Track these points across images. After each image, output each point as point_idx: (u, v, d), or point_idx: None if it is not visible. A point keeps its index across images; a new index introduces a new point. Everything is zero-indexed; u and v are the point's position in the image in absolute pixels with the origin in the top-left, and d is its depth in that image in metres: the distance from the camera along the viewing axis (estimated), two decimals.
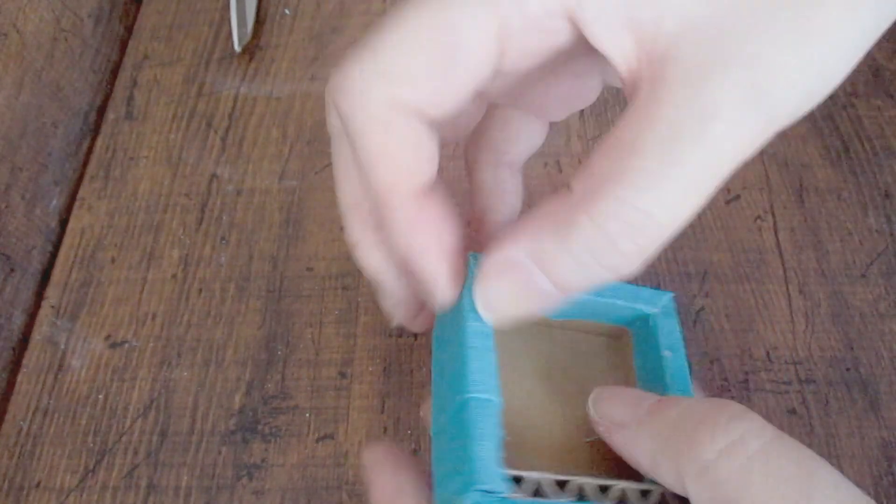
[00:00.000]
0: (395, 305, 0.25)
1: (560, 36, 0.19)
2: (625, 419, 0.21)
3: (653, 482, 0.20)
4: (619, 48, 0.18)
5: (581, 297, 0.21)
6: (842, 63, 0.18)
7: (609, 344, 0.25)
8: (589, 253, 0.18)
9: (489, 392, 0.20)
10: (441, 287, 0.21)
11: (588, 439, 0.23)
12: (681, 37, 0.18)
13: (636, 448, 0.20)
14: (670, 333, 0.23)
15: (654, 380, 0.23)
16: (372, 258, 0.24)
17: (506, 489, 0.19)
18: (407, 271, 0.22)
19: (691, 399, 0.20)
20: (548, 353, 0.25)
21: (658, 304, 0.24)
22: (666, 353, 0.23)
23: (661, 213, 0.17)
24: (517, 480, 0.20)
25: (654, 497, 0.20)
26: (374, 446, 0.23)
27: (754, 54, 0.17)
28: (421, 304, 0.25)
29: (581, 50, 0.21)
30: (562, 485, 0.20)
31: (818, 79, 0.18)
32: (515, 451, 0.21)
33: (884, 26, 0.18)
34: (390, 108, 0.19)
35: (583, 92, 0.24)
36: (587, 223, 0.18)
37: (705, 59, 0.17)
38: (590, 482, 0.20)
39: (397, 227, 0.21)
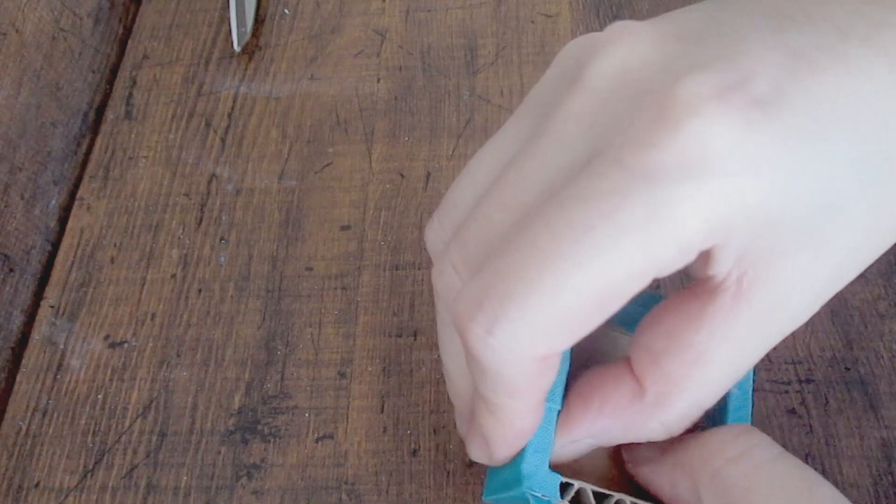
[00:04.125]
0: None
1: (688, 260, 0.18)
2: (649, 454, 0.22)
3: None
4: (719, 267, 0.18)
5: None
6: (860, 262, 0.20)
7: None
8: (645, 438, 0.20)
9: (553, 399, 0.22)
10: (494, 461, 0.22)
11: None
12: (771, 254, 0.18)
13: (659, 476, 0.22)
14: (746, 375, 0.24)
15: (715, 415, 0.24)
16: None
17: (553, 494, 0.21)
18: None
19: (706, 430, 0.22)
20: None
21: None
22: (735, 391, 0.23)
23: (709, 404, 0.20)
24: (562, 486, 0.21)
25: None
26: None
27: (820, 248, 0.18)
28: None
29: None
30: (601, 498, 0.22)
31: (871, 252, 0.19)
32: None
33: None
34: (537, 365, 0.19)
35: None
36: (657, 427, 0.20)
37: (777, 262, 0.18)
38: (626, 500, 0.22)
39: (503, 431, 0.21)
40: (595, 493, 0.21)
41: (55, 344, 0.34)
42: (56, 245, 0.37)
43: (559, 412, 0.22)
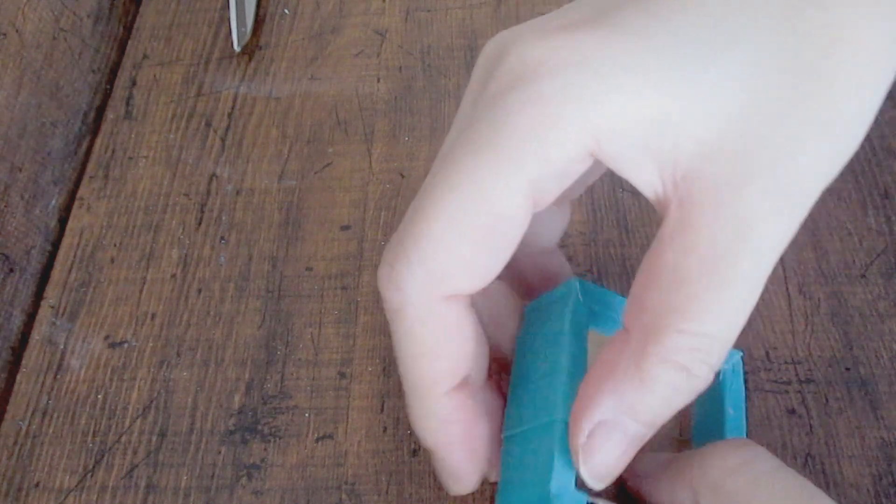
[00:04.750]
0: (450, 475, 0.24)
1: (577, 173, 0.19)
2: (649, 469, 0.22)
3: None
4: (644, 177, 0.19)
5: None
6: (855, 136, 0.19)
7: None
8: (670, 387, 0.19)
9: (558, 412, 0.21)
10: (461, 483, 0.22)
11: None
12: (701, 157, 0.18)
13: (659, 491, 0.21)
14: (736, 392, 0.24)
15: (711, 428, 0.24)
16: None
17: None
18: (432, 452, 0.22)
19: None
20: None
21: (729, 362, 0.24)
22: (730, 411, 0.23)
23: (723, 331, 0.18)
24: None
25: None
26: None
27: (782, 161, 0.18)
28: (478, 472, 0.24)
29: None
30: None
31: (835, 158, 0.19)
32: None
33: (888, 85, 0.19)
34: (439, 302, 0.19)
35: (582, 188, 0.25)
36: (660, 364, 0.18)
37: (730, 174, 0.18)
38: None
39: (429, 421, 0.21)
40: None
41: (55, 344, 0.34)
42: (56, 245, 0.37)
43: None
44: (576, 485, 0.20)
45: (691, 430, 0.25)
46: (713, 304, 0.18)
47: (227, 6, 0.44)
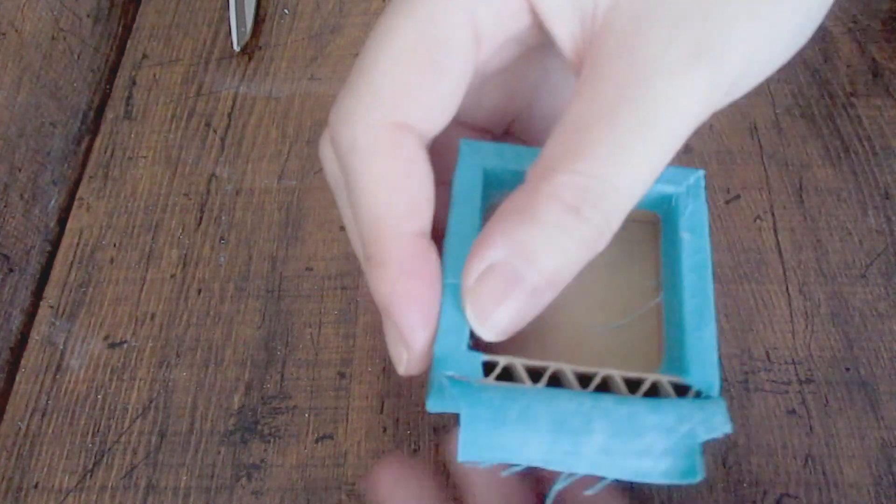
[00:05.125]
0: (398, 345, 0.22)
1: (515, 14, 0.19)
2: None
3: (644, 372, 0.19)
4: (566, 28, 0.19)
5: None
6: (789, 28, 0.18)
7: (648, 230, 0.23)
8: (559, 229, 0.18)
9: (454, 275, 0.20)
10: (413, 353, 0.20)
11: (601, 327, 0.22)
12: (616, 7, 0.18)
13: None
14: (694, 214, 0.21)
15: (672, 266, 0.21)
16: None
17: (473, 375, 0.19)
18: (385, 314, 0.20)
19: None
20: None
21: (683, 184, 0.22)
22: (684, 235, 0.21)
23: (617, 178, 0.17)
24: (489, 366, 0.19)
25: (645, 387, 0.19)
26: (381, 467, 0.23)
27: (690, 14, 0.17)
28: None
29: (555, 63, 0.21)
30: (536, 373, 0.19)
31: (763, 41, 0.18)
32: (515, 338, 0.20)
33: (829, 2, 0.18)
34: (391, 131, 0.19)
35: (534, 93, 0.24)
36: (548, 200, 0.18)
37: (640, 24, 0.18)
38: (567, 369, 0.19)
39: (388, 269, 0.19)
40: (529, 369, 0.19)
41: (55, 344, 0.34)
42: (55, 245, 0.37)
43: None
44: (469, 346, 0.19)
45: (661, 273, 0.23)
46: (608, 148, 0.17)
47: (226, 6, 0.44)
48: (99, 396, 0.33)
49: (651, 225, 0.23)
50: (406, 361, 0.20)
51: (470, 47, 0.19)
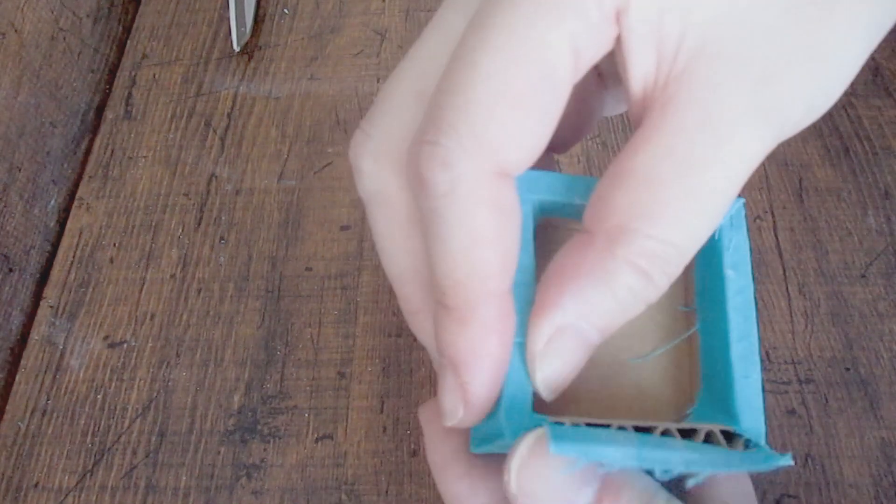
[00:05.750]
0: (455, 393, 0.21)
1: (607, 42, 0.18)
2: None
3: (697, 422, 0.19)
4: (641, 63, 0.18)
5: None
6: (844, 78, 0.18)
7: None
8: (631, 292, 0.18)
9: (521, 334, 0.19)
10: (474, 409, 0.19)
11: (630, 360, 0.21)
12: (699, 57, 0.17)
13: None
14: (738, 249, 0.21)
15: (714, 296, 0.21)
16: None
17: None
18: (447, 369, 0.20)
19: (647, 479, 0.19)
20: None
21: (725, 216, 0.21)
22: (729, 273, 0.20)
23: (686, 242, 0.18)
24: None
25: (700, 437, 0.19)
26: (429, 405, 0.22)
27: (768, 76, 0.17)
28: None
29: (596, 79, 0.20)
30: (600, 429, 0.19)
31: (823, 95, 0.18)
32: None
33: (878, 40, 0.19)
34: (493, 181, 0.18)
35: (590, 123, 0.24)
36: (626, 266, 0.17)
37: (721, 81, 0.17)
38: (628, 424, 0.19)
39: (469, 328, 0.19)
40: (590, 425, 0.19)
41: (54, 344, 0.34)
42: (55, 245, 0.37)
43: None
44: (532, 408, 0.19)
45: (695, 299, 0.23)
46: (683, 213, 0.17)
47: (226, 6, 0.44)
48: (99, 396, 0.33)
49: None
50: (461, 416, 0.19)
51: (571, 79, 0.18)
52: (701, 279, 0.22)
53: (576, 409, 0.21)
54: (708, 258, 0.22)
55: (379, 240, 0.22)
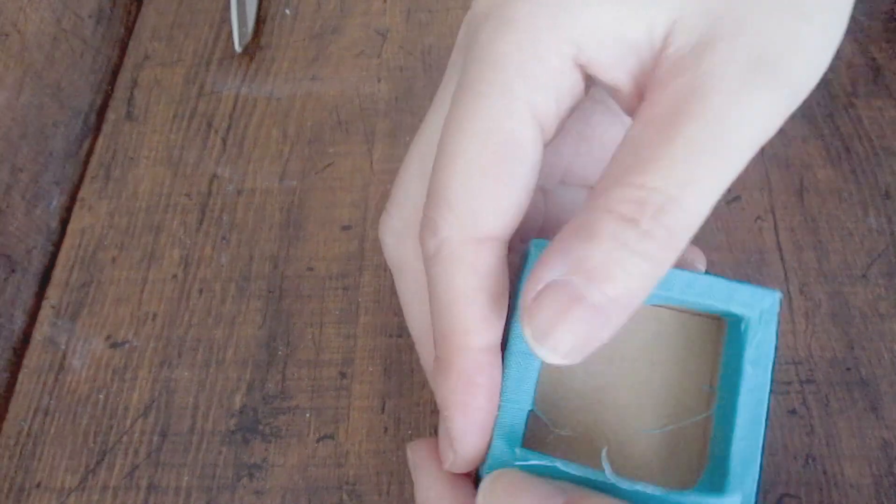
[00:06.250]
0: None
1: (572, 89, 0.20)
2: None
3: (682, 484, 0.20)
4: (624, 73, 0.19)
5: (676, 291, 0.20)
6: (837, 31, 0.18)
7: (711, 327, 0.23)
8: (617, 242, 0.17)
9: (521, 401, 0.21)
10: (464, 455, 0.20)
11: (641, 431, 0.22)
12: (672, 36, 0.18)
13: None
14: (762, 344, 0.20)
15: (731, 388, 0.21)
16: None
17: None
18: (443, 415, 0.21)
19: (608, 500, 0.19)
20: (652, 332, 0.22)
21: (757, 307, 0.20)
22: (748, 369, 0.20)
23: (678, 192, 0.17)
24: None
25: None
26: (418, 444, 0.23)
27: (749, 30, 0.17)
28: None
29: (596, 105, 0.22)
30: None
31: (819, 45, 0.18)
32: (571, 441, 0.21)
33: None
34: (472, 246, 0.20)
35: (608, 147, 0.24)
36: (604, 214, 0.17)
37: (697, 44, 0.18)
38: (612, 478, 0.19)
39: (452, 378, 0.20)
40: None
41: (57, 344, 0.34)
42: (57, 245, 0.37)
43: (530, 412, 0.21)
44: (521, 444, 0.20)
45: (719, 382, 0.23)
46: (665, 161, 0.17)
47: (228, 7, 0.44)
48: (101, 396, 0.33)
49: (715, 323, 0.22)
50: (451, 462, 0.21)
51: (537, 141, 0.20)
52: (725, 363, 0.22)
53: (569, 445, 0.22)
54: (733, 344, 0.21)
55: (403, 303, 0.24)
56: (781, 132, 0.37)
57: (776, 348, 0.20)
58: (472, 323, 0.20)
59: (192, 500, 0.30)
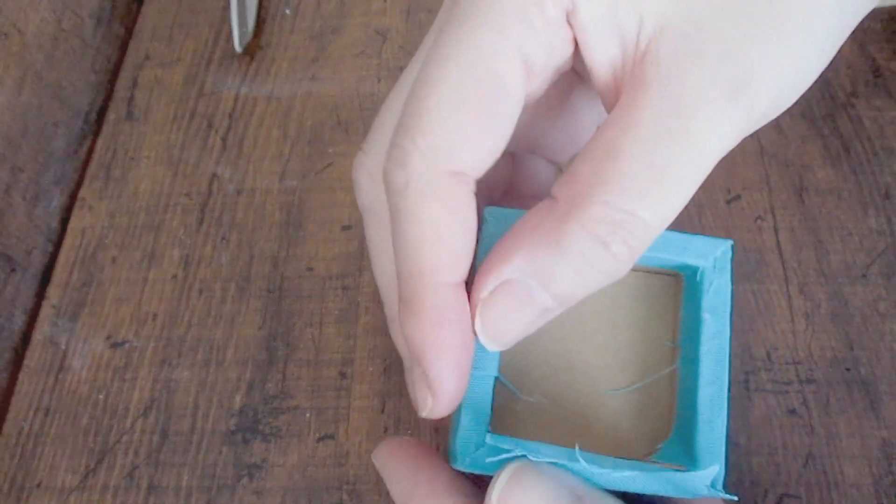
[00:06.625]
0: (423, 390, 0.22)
1: (562, 46, 0.19)
2: None
3: (656, 461, 0.20)
4: (606, 54, 0.19)
5: None
6: (815, 57, 0.18)
7: (669, 284, 0.23)
8: (584, 259, 0.18)
9: (487, 367, 0.20)
10: (440, 400, 0.20)
11: (608, 392, 0.22)
12: (660, 38, 0.18)
13: None
14: (718, 292, 0.21)
15: (692, 340, 0.21)
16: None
17: (489, 469, 0.19)
18: (414, 360, 0.20)
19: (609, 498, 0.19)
20: (612, 293, 0.23)
21: (710, 256, 0.21)
22: (705, 316, 0.21)
23: (648, 214, 0.18)
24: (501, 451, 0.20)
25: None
26: (379, 449, 0.23)
27: (731, 50, 0.17)
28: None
29: (578, 84, 0.21)
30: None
31: (793, 72, 0.18)
32: (531, 413, 0.21)
33: (852, 23, 0.19)
34: (443, 179, 0.19)
35: (582, 129, 0.24)
36: (578, 230, 0.18)
37: (683, 57, 0.18)
38: (581, 459, 0.19)
39: (421, 318, 0.19)
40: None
41: (57, 344, 0.34)
42: (58, 245, 0.37)
43: (496, 380, 0.21)
44: (488, 429, 0.20)
45: (679, 337, 0.22)
46: (643, 183, 0.17)
47: (228, 6, 0.44)
48: (101, 396, 0.33)
49: (672, 279, 0.23)
50: (430, 407, 0.20)
51: (521, 85, 0.19)
52: (684, 317, 0.22)
53: (548, 435, 0.21)
54: (691, 297, 0.22)
55: (370, 248, 0.23)
56: (781, 132, 0.37)
57: (732, 295, 0.21)
58: (443, 260, 0.19)
59: (192, 500, 0.30)
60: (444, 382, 0.19)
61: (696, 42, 0.18)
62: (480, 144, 0.19)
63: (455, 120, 0.18)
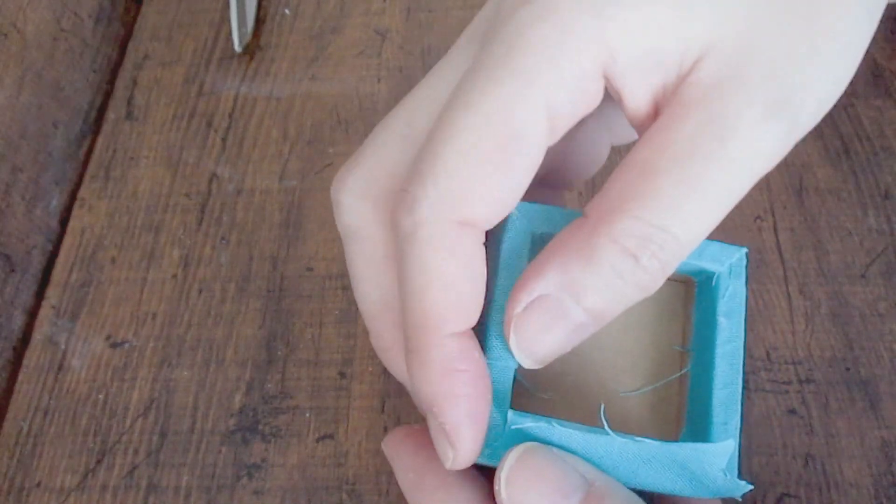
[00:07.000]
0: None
1: (592, 97, 0.19)
2: None
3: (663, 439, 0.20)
4: (645, 90, 0.19)
5: None
6: (849, 64, 0.18)
7: (680, 290, 0.24)
8: (614, 272, 0.18)
9: (505, 358, 0.20)
10: (460, 451, 0.19)
11: (622, 393, 0.22)
12: (703, 60, 0.18)
13: None
14: (733, 297, 0.21)
15: (705, 344, 0.21)
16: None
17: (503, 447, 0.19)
18: (430, 410, 0.20)
19: (629, 494, 0.19)
20: None
21: (725, 262, 0.21)
22: (721, 320, 0.21)
23: (679, 229, 0.17)
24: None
25: None
26: (390, 437, 0.22)
27: (773, 72, 0.17)
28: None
29: (595, 112, 0.21)
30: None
31: (831, 87, 0.18)
32: (545, 403, 0.21)
33: (874, 25, 0.19)
34: (453, 228, 0.18)
35: (595, 156, 0.24)
36: (609, 243, 0.18)
37: (725, 79, 0.18)
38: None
39: (430, 369, 0.19)
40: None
41: (56, 344, 0.34)
42: (57, 245, 0.37)
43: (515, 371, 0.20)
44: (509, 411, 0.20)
45: (690, 341, 0.22)
46: (675, 199, 0.17)
47: (227, 6, 0.44)
48: (100, 396, 0.33)
49: (683, 285, 0.23)
50: (452, 459, 0.19)
51: (543, 137, 0.19)
52: (697, 322, 0.22)
53: (549, 411, 0.21)
54: (705, 302, 0.22)
55: (353, 273, 0.22)
56: None
57: (746, 300, 0.22)
58: (449, 311, 0.19)
59: (192, 500, 0.30)
60: (461, 433, 0.19)
61: (739, 64, 0.18)
62: (493, 196, 0.19)
63: (469, 171, 0.18)
